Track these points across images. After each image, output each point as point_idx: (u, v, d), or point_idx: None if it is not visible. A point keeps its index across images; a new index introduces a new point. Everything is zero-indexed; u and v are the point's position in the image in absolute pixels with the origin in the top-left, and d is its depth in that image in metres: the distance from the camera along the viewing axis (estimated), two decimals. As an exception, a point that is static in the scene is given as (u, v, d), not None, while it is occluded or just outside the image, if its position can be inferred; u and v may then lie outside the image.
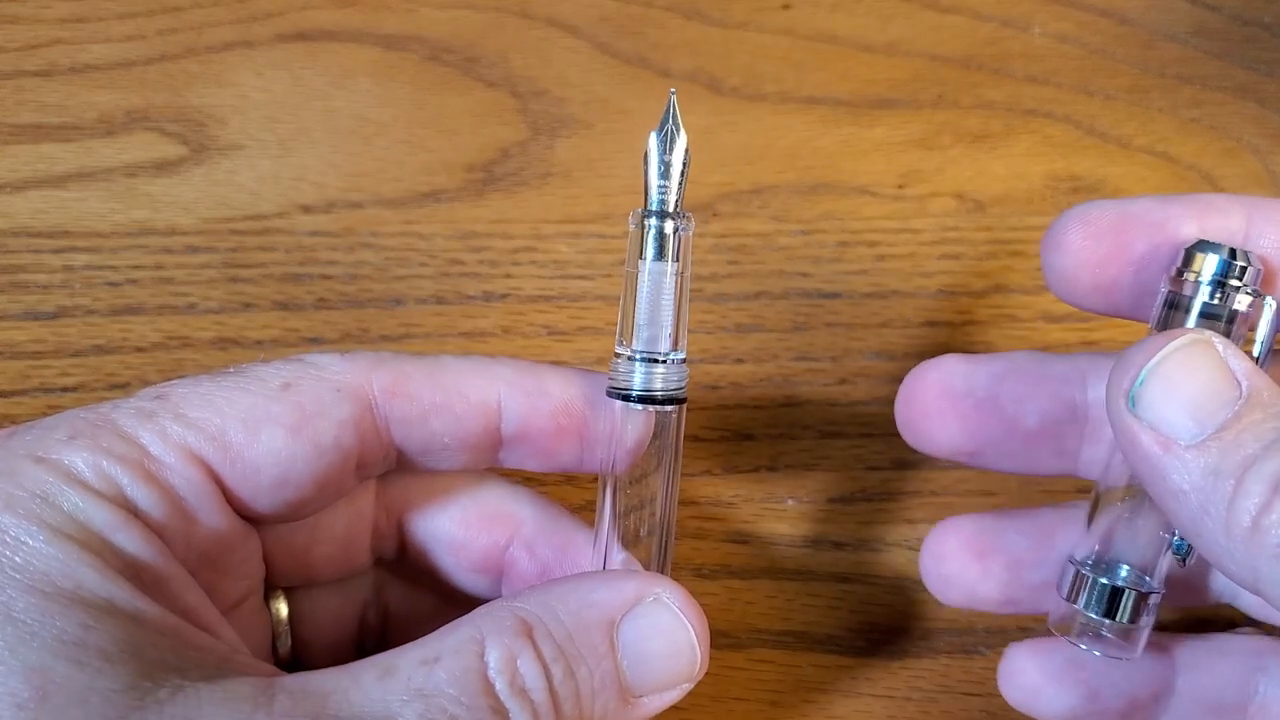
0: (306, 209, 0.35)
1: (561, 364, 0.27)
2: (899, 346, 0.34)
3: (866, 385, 0.34)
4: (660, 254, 0.24)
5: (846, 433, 0.34)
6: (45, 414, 0.32)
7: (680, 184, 0.24)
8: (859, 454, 0.33)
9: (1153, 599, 0.25)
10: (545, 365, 0.26)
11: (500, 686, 0.20)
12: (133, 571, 0.20)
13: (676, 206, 0.24)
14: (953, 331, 0.35)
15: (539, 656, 0.21)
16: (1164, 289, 0.25)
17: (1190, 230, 0.25)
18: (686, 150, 0.24)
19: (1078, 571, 0.25)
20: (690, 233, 0.24)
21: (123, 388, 0.33)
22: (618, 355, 0.24)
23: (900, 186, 0.37)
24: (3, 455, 0.20)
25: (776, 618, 0.32)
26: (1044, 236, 0.25)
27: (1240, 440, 0.21)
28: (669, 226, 0.24)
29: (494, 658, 0.21)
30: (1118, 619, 0.25)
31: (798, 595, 0.32)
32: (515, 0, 0.39)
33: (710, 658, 0.24)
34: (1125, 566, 0.25)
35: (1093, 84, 0.39)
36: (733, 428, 0.34)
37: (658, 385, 0.24)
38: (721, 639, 0.32)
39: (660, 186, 0.24)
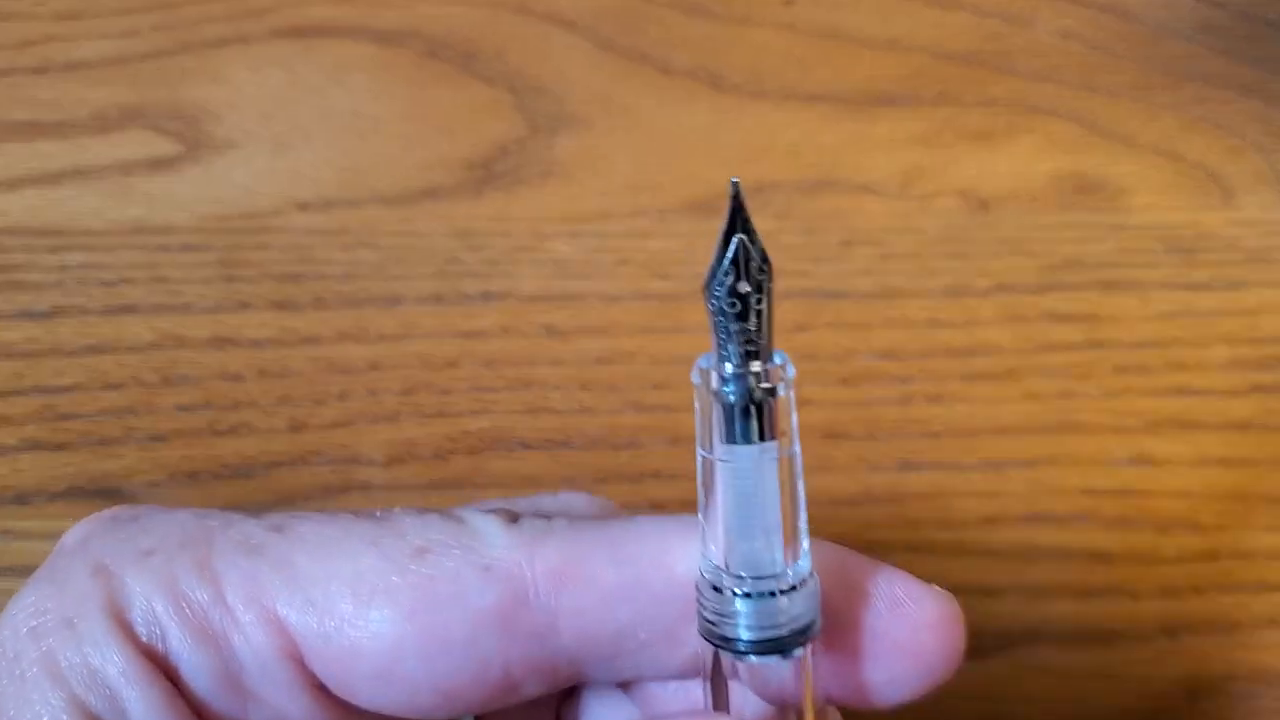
0: (303, 207, 0.35)
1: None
2: (903, 347, 0.34)
3: (870, 386, 0.34)
4: (749, 432, 0.16)
5: (850, 433, 0.33)
6: (40, 413, 0.32)
7: (768, 318, 0.15)
8: (862, 455, 0.33)
9: None
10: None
11: None
12: None
13: (766, 352, 0.16)
14: (956, 331, 0.34)
15: None
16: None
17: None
18: (767, 264, 0.15)
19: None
20: (791, 385, 0.16)
21: (117, 387, 0.33)
22: (705, 576, 0.17)
23: (903, 185, 0.37)
24: (80, 552, 0.18)
25: (778, 620, 0.32)
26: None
27: None
28: (758, 388, 0.15)
29: None
30: None
31: (800, 597, 0.32)
32: (514, -4, 0.39)
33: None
34: None
35: (1096, 81, 0.39)
36: (734, 428, 0.34)
37: (775, 623, 0.16)
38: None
39: (741, 331, 0.15)
